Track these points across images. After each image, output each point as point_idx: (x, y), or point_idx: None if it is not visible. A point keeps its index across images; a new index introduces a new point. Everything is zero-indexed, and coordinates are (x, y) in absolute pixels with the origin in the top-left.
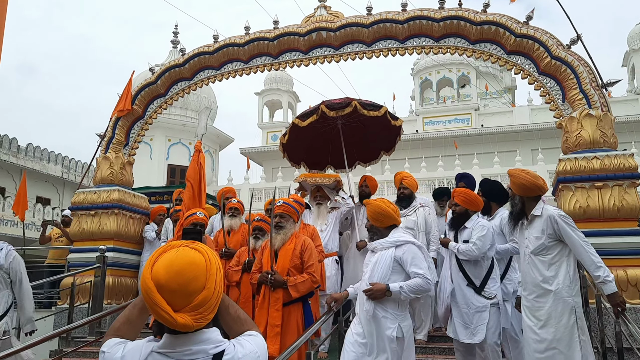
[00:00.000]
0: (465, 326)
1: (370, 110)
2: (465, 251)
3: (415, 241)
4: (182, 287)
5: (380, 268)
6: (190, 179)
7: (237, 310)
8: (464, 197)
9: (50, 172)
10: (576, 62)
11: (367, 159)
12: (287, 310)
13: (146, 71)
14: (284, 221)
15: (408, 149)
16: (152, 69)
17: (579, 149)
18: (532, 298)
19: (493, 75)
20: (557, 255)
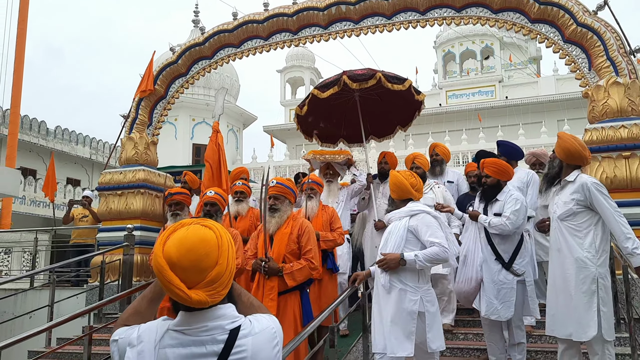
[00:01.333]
0: (490, 302)
1: (395, 83)
2: (498, 225)
3: (431, 211)
4: (194, 263)
5: (394, 238)
6: (209, 159)
7: (250, 298)
8: (494, 167)
9: (79, 154)
10: (603, 29)
11: (382, 133)
12: (282, 300)
13: (167, 51)
14: (278, 203)
15: (431, 123)
16: (172, 49)
17: (606, 118)
18: (554, 264)
19: (517, 46)
20: (584, 223)
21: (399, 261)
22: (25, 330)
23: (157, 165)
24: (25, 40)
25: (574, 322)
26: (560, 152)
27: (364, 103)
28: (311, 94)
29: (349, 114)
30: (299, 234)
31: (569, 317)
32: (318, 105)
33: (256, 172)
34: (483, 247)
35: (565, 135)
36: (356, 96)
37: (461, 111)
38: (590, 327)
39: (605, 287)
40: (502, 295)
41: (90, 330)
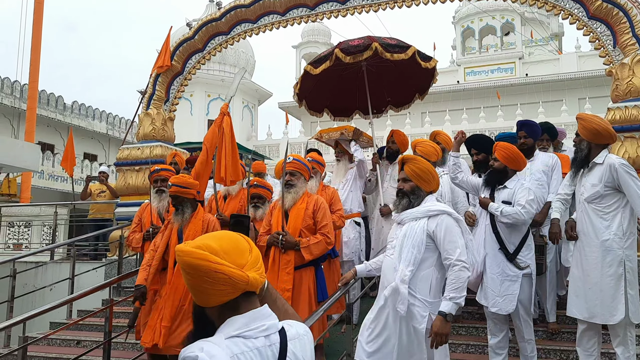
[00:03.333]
0: (493, 294)
1: (395, 52)
2: (512, 214)
3: (453, 212)
4: (234, 246)
5: (411, 243)
6: (207, 142)
7: (285, 305)
8: (505, 152)
9: (96, 129)
10: (629, 4)
11: (400, 102)
12: (298, 274)
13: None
14: (294, 179)
15: (449, 100)
16: (189, 24)
17: (630, 97)
18: (581, 247)
19: (539, 22)
20: (612, 205)
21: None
22: (47, 302)
23: (174, 141)
24: (43, 15)
25: (601, 306)
26: (587, 133)
27: (376, 71)
28: (334, 55)
29: (341, 84)
30: (315, 210)
31: (595, 300)
32: (321, 78)
33: (271, 148)
34: (487, 236)
35: (587, 115)
36: (363, 66)
37: (480, 89)
38: (618, 311)
39: (632, 269)
40: (505, 287)
41: (111, 303)
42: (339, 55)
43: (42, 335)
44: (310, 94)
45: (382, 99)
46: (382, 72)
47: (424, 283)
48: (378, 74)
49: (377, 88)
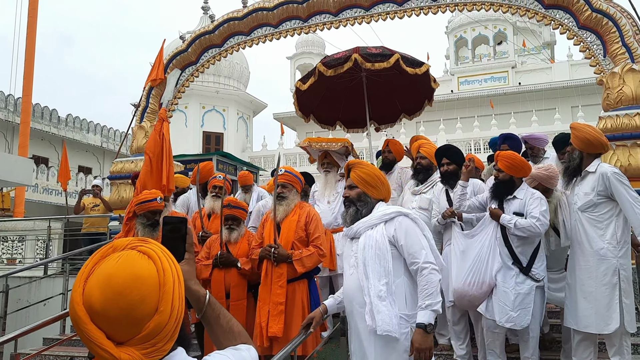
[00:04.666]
0: (503, 309)
1: (377, 61)
2: (527, 227)
3: (409, 212)
4: (125, 312)
5: (375, 253)
6: (149, 151)
7: (230, 321)
8: (508, 162)
9: (90, 142)
10: (618, 14)
11: (383, 120)
12: (291, 288)
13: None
14: (286, 191)
15: (443, 109)
16: (182, 37)
17: (621, 105)
18: (575, 256)
19: (531, 31)
20: (605, 214)
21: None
22: (41, 318)
23: None
24: (36, 28)
25: (596, 315)
26: (579, 142)
27: (383, 81)
28: (317, 70)
29: (351, 96)
30: (307, 222)
31: (590, 310)
32: (320, 81)
33: (266, 159)
34: (500, 249)
35: (579, 125)
36: (363, 76)
37: (473, 97)
38: (613, 320)
39: (627, 278)
40: (519, 302)
41: None
42: (321, 70)
43: (35, 352)
44: (319, 108)
45: (395, 108)
46: (388, 81)
47: (399, 296)
48: (385, 83)
49: (388, 97)
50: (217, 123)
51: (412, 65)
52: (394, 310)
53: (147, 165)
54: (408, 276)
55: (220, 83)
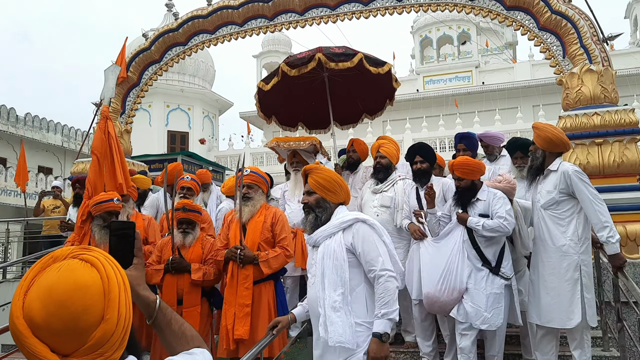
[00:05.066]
0: (478, 311)
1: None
2: (496, 227)
3: (367, 218)
4: (69, 324)
5: (332, 263)
6: (96, 151)
7: (182, 326)
8: (465, 168)
9: (51, 142)
10: (577, 16)
11: (345, 121)
12: (257, 289)
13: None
14: (252, 192)
15: (409, 108)
16: (145, 35)
17: (580, 105)
18: (538, 253)
19: (494, 31)
20: (567, 211)
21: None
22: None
23: (131, 154)
24: None
25: (559, 310)
26: (542, 142)
27: (344, 82)
28: (280, 70)
29: (312, 96)
30: (273, 222)
31: (553, 305)
32: (282, 82)
33: (233, 159)
34: (468, 252)
35: (542, 124)
36: (325, 76)
37: (438, 97)
38: (575, 315)
39: (587, 274)
40: (492, 302)
41: None
42: (284, 69)
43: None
44: (281, 109)
45: (356, 108)
46: (350, 81)
47: (359, 304)
48: (346, 83)
49: (349, 97)
50: (182, 122)
51: (375, 65)
52: (350, 320)
53: (95, 165)
54: (368, 283)
55: (185, 81)
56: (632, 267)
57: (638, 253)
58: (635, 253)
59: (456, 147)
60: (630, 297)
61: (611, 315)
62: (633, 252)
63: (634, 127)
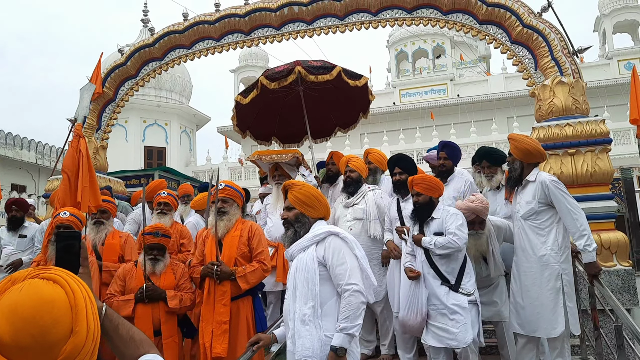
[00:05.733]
0: (444, 329)
1: (319, 74)
2: (446, 244)
3: (339, 231)
4: (38, 339)
5: (304, 277)
6: (67, 169)
7: (130, 330)
8: (426, 184)
9: (24, 159)
10: (547, 30)
11: (319, 134)
12: (235, 305)
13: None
14: (227, 206)
15: (386, 121)
16: (121, 50)
17: (552, 116)
18: (519, 263)
19: (468, 45)
20: (546, 221)
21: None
22: None
23: (107, 170)
24: None
25: (542, 320)
26: (519, 153)
27: (319, 95)
28: (259, 83)
29: (286, 110)
30: (249, 236)
31: (536, 315)
32: (259, 96)
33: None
34: (426, 272)
35: (518, 135)
36: (300, 90)
37: (414, 109)
38: (559, 324)
39: (569, 282)
40: (456, 319)
41: None
42: (264, 83)
43: None
44: (255, 123)
45: (330, 122)
46: (324, 95)
47: (329, 318)
48: (321, 97)
49: (323, 111)
50: (159, 137)
51: (352, 78)
52: (319, 333)
53: (65, 184)
54: (340, 297)
55: (161, 97)
56: (607, 275)
57: (613, 261)
58: (610, 261)
59: (437, 154)
60: (606, 305)
61: (588, 324)
62: (608, 261)
63: (605, 137)
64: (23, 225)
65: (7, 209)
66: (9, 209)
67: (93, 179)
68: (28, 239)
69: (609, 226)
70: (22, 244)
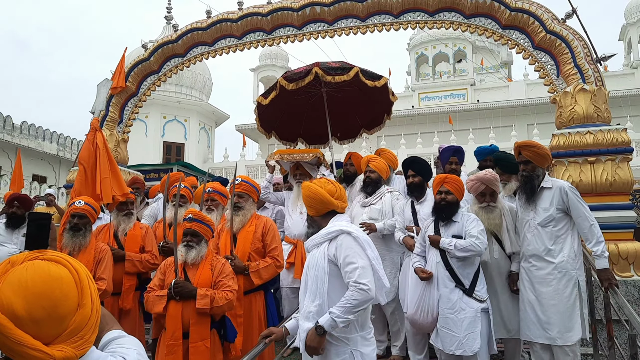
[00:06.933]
0: (453, 335)
1: (337, 74)
2: (467, 246)
3: (352, 229)
4: (49, 311)
5: (314, 274)
6: (83, 161)
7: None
8: (458, 185)
9: (46, 150)
10: (571, 37)
11: (344, 135)
12: (247, 300)
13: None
14: (242, 201)
15: (403, 124)
16: (144, 46)
17: (573, 123)
18: (532, 271)
19: (489, 50)
20: (563, 228)
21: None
22: None
23: (128, 163)
24: None
25: (559, 327)
26: (539, 159)
27: (343, 96)
28: (278, 84)
29: (311, 111)
30: (264, 232)
31: (555, 322)
32: (281, 98)
33: (227, 171)
34: (441, 274)
35: (533, 142)
36: (323, 91)
37: (433, 113)
38: (575, 330)
39: (583, 289)
40: (466, 325)
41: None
42: (282, 84)
43: None
44: (280, 125)
45: (355, 123)
46: (348, 96)
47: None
48: (344, 99)
49: (348, 113)
50: (178, 133)
51: (371, 79)
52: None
53: (82, 175)
54: None
55: (182, 93)
56: (624, 286)
57: (630, 272)
58: (627, 272)
59: (447, 160)
60: (621, 315)
61: (602, 333)
62: (625, 271)
63: (626, 146)
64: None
65: (8, 204)
66: (10, 204)
67: (115, 169)
68: None
69: (628, 236)
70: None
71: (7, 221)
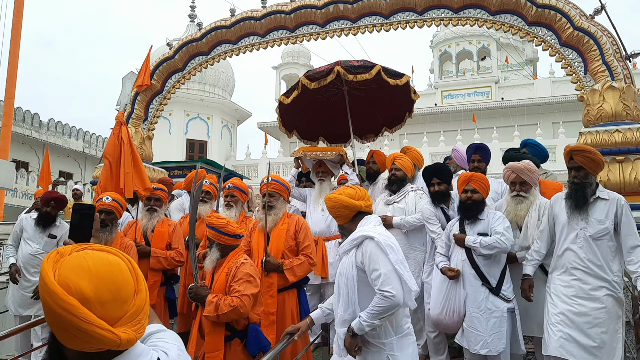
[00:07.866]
0: (478, 335)
1: (359, 73)
2: (493, 243)
3: (374, 234)
4: (114, 295)
5: (344, 282)
6: (109, 155)
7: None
8: (485, 184)
9: (72, 147)
10: (599, 33)
11: (366, 134)
12: (281, 297)
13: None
14: (274, 200)
15: (426, 122)
16: (169, 44)
17: (601, 122)
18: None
19: (514, 47)
20: (615, 243)
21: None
22: None
23: (152, 160)
24: (21, 31)
25: (601, 348)
26: (595, 166)
27: (365, 95)
28: (300, 83)
29: (333, 110)
30: (296, 230)
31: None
32: (303, 96)
33: (249, 168)
34: (467, 272)
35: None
36: (345, 90)
37: (456, 111)
38: (617, 352)
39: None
40: (492, 325)
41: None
42: (304, 83)
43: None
44: (302, 123)
45: (377, 122)
46: (370, 95)
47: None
48: (366, 97)
49: (370, 111)
50: (201, 131)
51: (393, 77)
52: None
53: (107, 170)
54: None
55: (205, 91)
56: None
57: None
58: None
59: (470, 158)
60: None
61: (630, 335)
62: None
63: None
64: (54, 224)
65: (45, 203)
66: (47, 203)
67: (137, 164)
68: (57, 241)
69: None
70: (50, 245)
71: (38, 219)
